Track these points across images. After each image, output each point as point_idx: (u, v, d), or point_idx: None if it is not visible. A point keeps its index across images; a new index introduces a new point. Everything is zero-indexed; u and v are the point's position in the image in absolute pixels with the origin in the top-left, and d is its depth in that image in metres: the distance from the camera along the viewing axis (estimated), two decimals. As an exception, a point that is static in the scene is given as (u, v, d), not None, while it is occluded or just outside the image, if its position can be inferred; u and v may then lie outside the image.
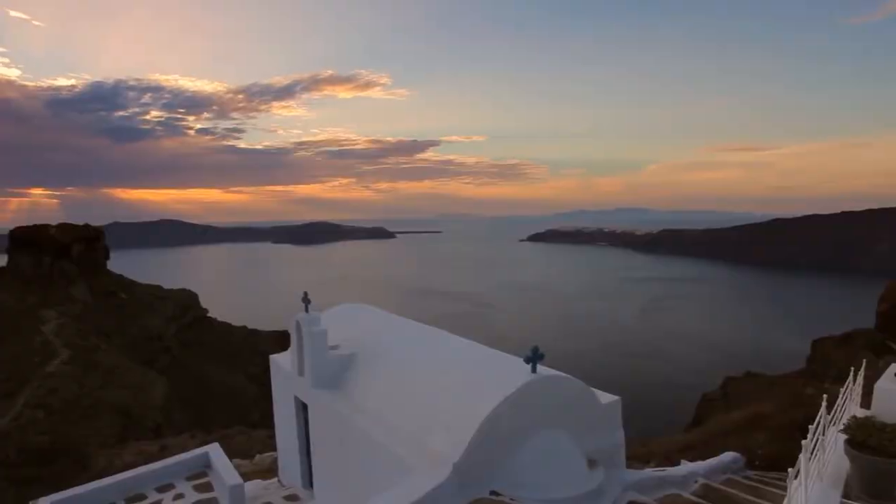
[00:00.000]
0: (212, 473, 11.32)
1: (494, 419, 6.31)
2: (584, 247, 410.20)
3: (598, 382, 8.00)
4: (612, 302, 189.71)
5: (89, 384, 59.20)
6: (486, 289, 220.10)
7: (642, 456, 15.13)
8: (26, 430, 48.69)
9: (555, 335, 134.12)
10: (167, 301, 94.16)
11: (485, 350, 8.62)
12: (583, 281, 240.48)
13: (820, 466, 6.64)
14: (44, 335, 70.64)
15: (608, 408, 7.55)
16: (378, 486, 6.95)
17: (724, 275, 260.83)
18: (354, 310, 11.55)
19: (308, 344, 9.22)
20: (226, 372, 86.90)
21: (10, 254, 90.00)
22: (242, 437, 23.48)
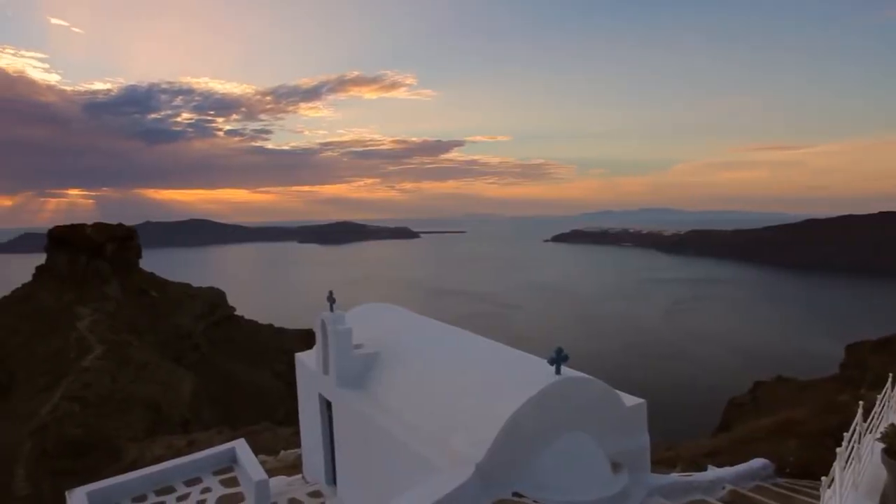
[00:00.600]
0: (238, 469, 11.53)
1: (518, 420, 6.28)
2: (608, 247, 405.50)
3: (622, 384, 7.91)
4: (635, 303, 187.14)
5: (122, 379, 60.83)
6: (509, 289, 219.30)
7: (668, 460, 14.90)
8: (63, 423, 50.28)
9: (577, 336, 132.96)
10: (196, 299, 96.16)
11: (508, 350, 8.59)
12: (606, 282, 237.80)
13: (855, 476, 6.44)
14: (79, 331, 72.82)
15: (633, 410, 7.46)
16: (400, 485, 6.98)
17: (754, 276, 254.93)
18: (378, 309, 11.62)
19: (333, 343, 9.31)
20: (252, 369, 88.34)
21: (49, 252, 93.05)
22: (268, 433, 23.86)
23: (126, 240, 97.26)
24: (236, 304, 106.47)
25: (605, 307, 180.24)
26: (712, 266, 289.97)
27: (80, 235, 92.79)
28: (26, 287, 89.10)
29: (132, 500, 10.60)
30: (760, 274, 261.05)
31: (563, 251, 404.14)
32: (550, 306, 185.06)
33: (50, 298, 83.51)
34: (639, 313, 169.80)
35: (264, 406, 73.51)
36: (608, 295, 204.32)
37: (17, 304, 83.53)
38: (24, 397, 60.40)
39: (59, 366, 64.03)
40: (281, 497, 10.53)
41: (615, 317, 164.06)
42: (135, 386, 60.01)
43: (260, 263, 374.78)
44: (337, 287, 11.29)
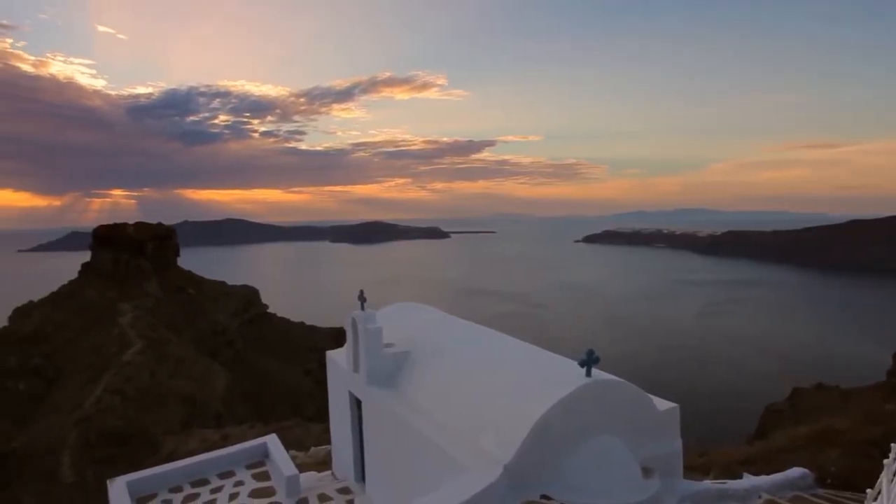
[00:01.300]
0: (269, 463, 11.76)
1: (547, 422, 6.24)
2: (641, 248, 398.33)
3: (653, 387, 7.76)
4: (667, 304, 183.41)
5: (160, 374, 62.72)
6: (539, 289, 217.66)
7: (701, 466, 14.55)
8: (105, 415, 52.15)
9: (607, 338, 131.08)
10: (231, 297, 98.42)
11: (538, 351, 8.53)
12: (638, 283, 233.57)
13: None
14: (121, 327, 75.37)
15: (666, 415, 7.32)
16: (428, 484, 7.01)
17: (794, 278, 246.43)
18: (409, 309, 11.67)
19: (363, 341, 9.40)
20: (284, 366, 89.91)
21: (93, 251, 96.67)
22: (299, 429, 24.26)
23: (165, 239, 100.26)
24: (269, 302, 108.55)
25: (636, 308, 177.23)
26: (749, 268, 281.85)
27: (122, 234, 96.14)
28: (72, 284, 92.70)
29: (169, 491, 10.93)
30: (800, 276, 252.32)
31: (595, 252, 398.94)
32: (581, 307, 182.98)
33: (94, 295, 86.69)
34: (670, 315, 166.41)
35: (295, 402, 74.79)
36: (639, 296, 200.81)
37: (64, 300, 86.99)
38: (70, 389, 62.87)
39: (102, 360, 66.40)
40: (311, 492, 10.69)
41: (646, 318, 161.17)
42: (172, 381, 61.78)
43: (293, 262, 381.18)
44: (368, 286, 11.39)
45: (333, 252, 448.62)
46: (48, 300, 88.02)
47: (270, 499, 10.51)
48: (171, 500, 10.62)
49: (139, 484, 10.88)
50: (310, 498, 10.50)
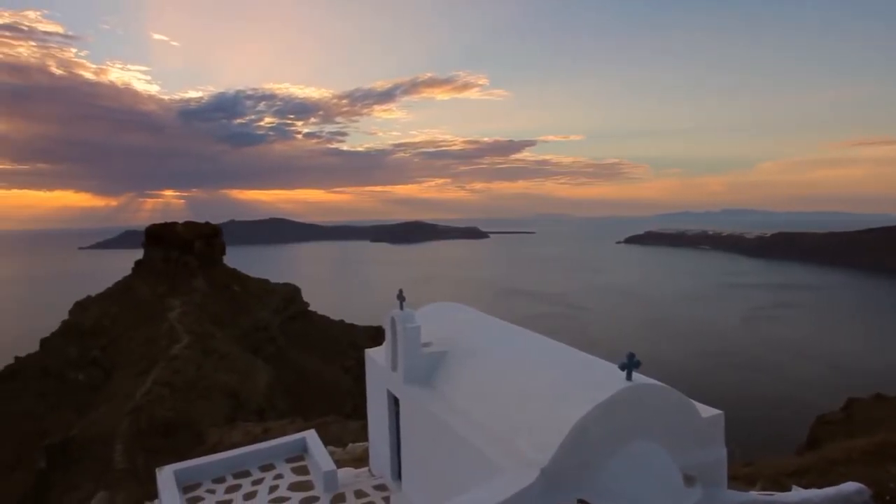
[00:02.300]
0: (308, 458, 11.99)
1: (585, 425, 6.14)
2: (685, 250, 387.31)
3: (695, 393, 7.54)
4: (711, 308, 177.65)
5: (205, 368, 64.84)
6: (579, 291, 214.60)
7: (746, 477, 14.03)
8: (155, 406, 54.29)
9: (648, 341, 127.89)
10: (274, 294, 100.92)
11: (577, 353, 8.41)
12: (681, 285, 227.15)
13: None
14: (170, 321, 78.35)
15: (709, 422, 7.09)
16: (464, 484, 7.01)
17: (849, 282, 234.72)
18: (447, 308, 11.69)
19: (402, 340, 9.47)
20: (323, 363, 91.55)
21: (146, 248, 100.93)
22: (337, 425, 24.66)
23: (212, 237, 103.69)
24: (310, 300, 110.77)
25: (679, 311, 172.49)
26: (800, 271, 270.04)
27: (172, 233, 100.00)
28: (126, 280, 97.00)
29: (212, 481, 11.28)
30: (856, 280, 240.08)
31: (637, 253, 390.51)
32: (621, 309, 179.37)
33: (146, 290, 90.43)
34: (714, 319, 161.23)
35: (334, 399, 76.02)
36: (682, 299, 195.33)
37: (119, 295, 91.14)
38: (124, 380, 65.72)
39: (153, 352, 69.14)
40: (348, 488, 10.84)
41: (689, 322, 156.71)
42: (217, 375, 63.78)
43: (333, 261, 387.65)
44: (406, 286, 11.47)
45: (373, 251, 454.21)
46: (105, 295, 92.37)
47: (308, 493, 10.72)
48: (214, 490, 10.96)
49: (185, 473, 11.29)
50: (347, 493, 10.65)
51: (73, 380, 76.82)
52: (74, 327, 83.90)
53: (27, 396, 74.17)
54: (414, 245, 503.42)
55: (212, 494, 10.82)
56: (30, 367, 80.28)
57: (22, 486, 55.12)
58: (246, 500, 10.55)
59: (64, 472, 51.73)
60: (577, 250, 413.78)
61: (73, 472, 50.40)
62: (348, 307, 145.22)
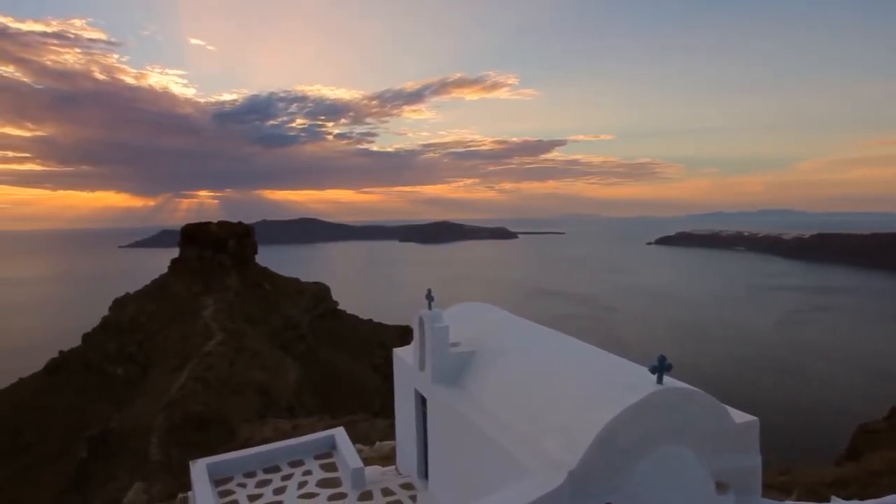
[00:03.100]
0: (336, 455, 12.13)
1: (615, 428, 6.05)
2: (718, 251, 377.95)
3: (728, 398, 7.35)
4: (745, 311, 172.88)
5: (238, 364, 66.20)
6: (608, 292, 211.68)
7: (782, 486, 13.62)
8: (189, 401, 55.68)
9: (679, 343, 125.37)
10: (304, 293, 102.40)
11: (606, 356, 8.30)
12: (714, 287, 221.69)
13: None
14: (204, 319, 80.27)
15: (744, 428, 6.90)
16: (490, 484, 6.98)
17: (893, 285, 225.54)
18: (476, 308, 11.67)
19: (430, 340, 9.49)
20: (352, 361, 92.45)
21: (181, 247, 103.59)
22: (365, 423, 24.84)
23: (245, 237, 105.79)
24: (339, 298, 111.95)
25: (711, 314, 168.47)
26: (840, 273, 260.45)
27: (206, 232, 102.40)
28: (163, 278, 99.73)
29: (243, 475, 11.52)
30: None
31: (668, 254, 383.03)
32: (651, 311, 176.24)
33: (181, 288, 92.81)
34: (748, 322, 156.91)
35: (362, 397, 76.69)
36: (715, 301, 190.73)
37: (155, 293, 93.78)
38: (160, 376, 67.58)
39: (187, 349, 70.91)
40: (375, 486, 10.93)
41: (722, 325, 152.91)
42: (248, 371, 65.04)
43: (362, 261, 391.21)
44: (435, 285, 11.50)
45: (402, 251, 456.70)
46: (142, 292, 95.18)
47: (336, 489, 10.85)
48: (245, 485, 11.18)
49: (218, 467, 11.55)
50: (374, 491, 10.73)
51: (112, 374, 79.44)
52: (114, 324, 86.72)
53: (70, 389, 77.05)
54: (442, 245, 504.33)
55: (242, 488, 11.05)
56: (72, 361, 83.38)
57: (65, 475, 57.31)
58: (276, 494, 10.74)
59: (103, 462, 53.55)
60: (606, 251, 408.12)
61: (112, 463, 52.11)
62: (377, 306, 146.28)
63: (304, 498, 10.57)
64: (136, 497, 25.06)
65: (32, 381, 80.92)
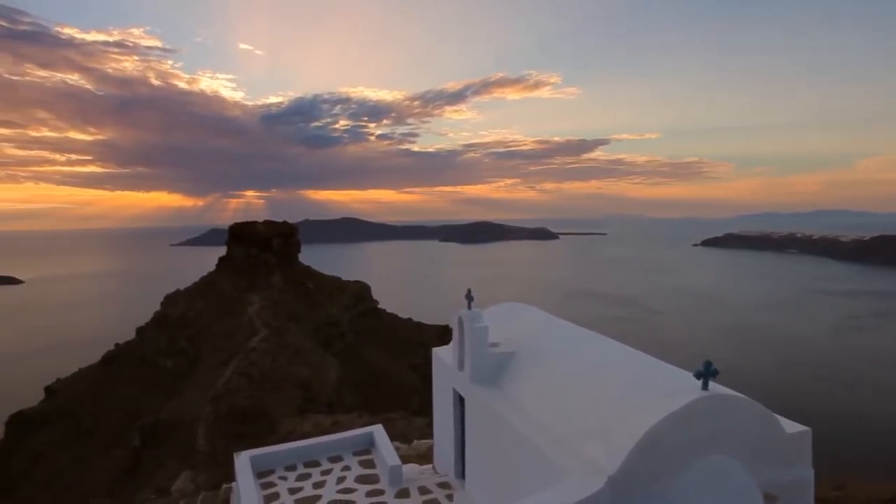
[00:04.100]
0: (375, 452, 12.27)
1: (657, 434, 5.89)
2: (769, 254, 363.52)
3: (777, 407, 7.03)
4: (798, 316, 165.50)
5: (280, 360, 67.82)
6: (651, 294, 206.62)
7: (836, 501, 12.98)
8: (234, 395, 57.41)
9: (726, 349, 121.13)
10: (345, 292, 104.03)
11: (648, 359, 8.10)
12: (763, 290, 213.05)
13: None
14: (249, 316, 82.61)
15: (795, 439, 6.60)
16: (527, 486, 6.91)
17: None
18: (516, 309, 11.60)
19: (469, 340, 9.48)
20: (391, 360, 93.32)
21: (229, 246, 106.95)
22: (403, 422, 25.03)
23: (289, 236, 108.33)
24: (380, 297, 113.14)
25: (761, 318, 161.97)
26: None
27: (252, 232, 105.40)
28: (211, 275, 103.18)
29: (285, 469, 11.79)
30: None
31: (715, 256, 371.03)
32: (696, 314, 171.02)
33: (228, 285, 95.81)
34: (800, 328, 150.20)
35: (400, 395, 77.31)
36: (765, 305, 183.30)
37: (204, 290, 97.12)
38: (207, 370, 69.94)
39: (233, 344, 73.13)
40: (412, 484, 10.99)
41: (772, 330, 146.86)
42: (290, 367, 66.53)
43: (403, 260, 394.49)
44: (475, 285, 11.48)
45: (442, 251, 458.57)
46: (191, 289, 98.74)
47: (374, 486, 10.96)
48: (286, 478, 11.44)
49: (260, 459, 11.87)
50: (411, 489, 10.80)
51: (163, 367, 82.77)
52: (165, 319, 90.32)
53: (124, 380, 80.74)
54: (482, 245, 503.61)
55: (283, 481, 11.31)
56: (127, 353, 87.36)
57: (120, 462, 60.07)
58: (315, 488, 10.94)
59: (154, 450, 55.83)
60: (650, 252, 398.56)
61: (161, 452, 54.27)
62: (416, 306, 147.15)
63: (342, 493, 10.72)
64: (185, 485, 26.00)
65: (90, 372, 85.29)
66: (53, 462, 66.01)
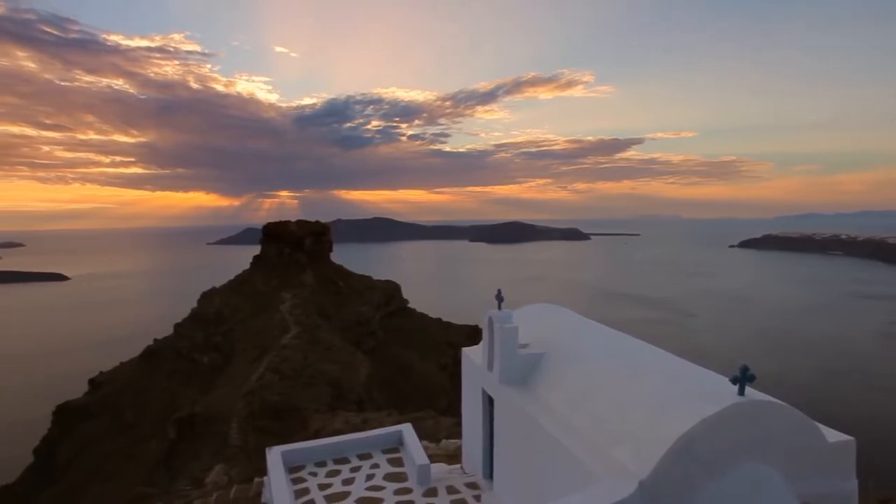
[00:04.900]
0: (403, 450, 12.33)
1: (690, 440, 5.74)
2: (811, 255, 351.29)
3: (820, 415, 6.78)
4: (840, 321, 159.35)
5: (311, 357, 68.78)
6: (685, 296, 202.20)
7: (883, 513, 12.43)
8: (266, 390, 58.46)
9: (763, 354, 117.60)
10: (375, 291, 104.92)
11: (682, 363, 7.92)
12: (804, 294, 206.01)
13: None
14: (281, 313, 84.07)
15: (837, 448, 6.35)
16: (556, 489, 6.84)
17: None
18: (546, 310, 11.50)
19: (499, 340, 9.44)
20: (420, 359, 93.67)
21: (263, 245, 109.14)
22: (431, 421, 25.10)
23: (321, 235, 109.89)
24: (409, 296, 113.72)
25: (801, 323, 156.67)
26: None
27: (285, 230, 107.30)
28: (245, 273, 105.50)
29: (315, 465, 11.95)
30: None
31: (753, 258, 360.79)
32: (733, 318, 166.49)
33: (261, 283, 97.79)
34: (843, 332, 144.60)
35: (429, 394, 77.52)
36: (805, 309, 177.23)
37: (238, 287, 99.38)
38: (241, 365, 71.50)
39: (265, 341, 74.55)
40: (440, 483, 11.00)
41: (813, 334, 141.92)
42: (321, 364, 67.40)
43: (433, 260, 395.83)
44: (505, 286, 11.44)
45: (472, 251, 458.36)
46: (227, 287, 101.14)
47: (402, 484, 11.02)
48: (316, 473, 11.60)
49: (291, 455, 12.06)
50: (439, 488, 10.81)
51: (199, 362, 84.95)
52: (201, 315, 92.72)
53: (163, 374, 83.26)
54: (513, 245, 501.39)
55: (313, 477, 11.47)
56: (165, 348, 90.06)
57: (157, 452, 61.98)
58: (344, 485, 11.06)
59: (189, 443, 57.36)
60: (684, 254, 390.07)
61: (197, 445, 55.70)
62: (446, 305, 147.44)
63: (371, 490, 10.81)
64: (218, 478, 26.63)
65: (131, 366, 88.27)
66: (97, 451, 68.64)
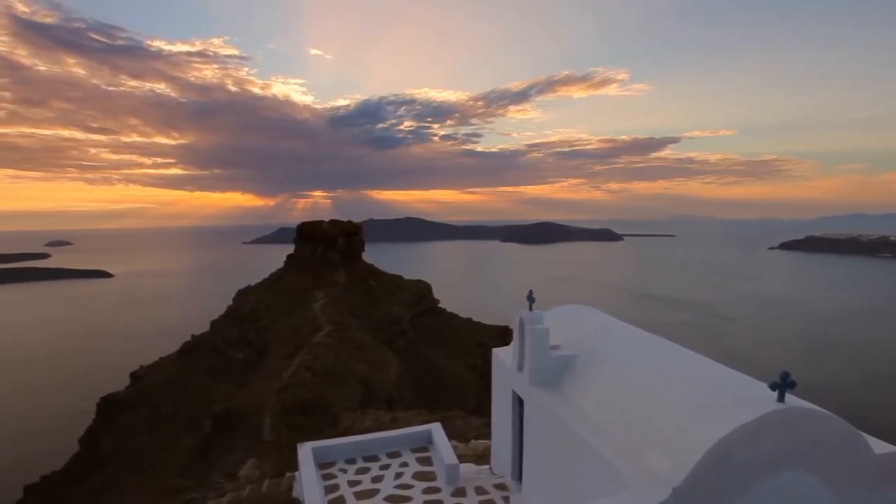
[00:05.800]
0: (432, 449, 12.34)
1: (727, 446, 5.57)
2: (857, 258, 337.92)
3: (867, 425, 6.49)
4: (887, 326, 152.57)
5: (343, 355, 69.60)
6: (723, 299, 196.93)
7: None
8: (298, 387, 59.42)
9: (805, 360, 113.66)
10: (406, 290, 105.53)
11: (719, 367, 7.69)
12: (849, 298, 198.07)
13: None
14: (314, 311, 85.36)
15: (885, 460, 6.06)
16: (586, 493, 6.73)
17: None
18: (578, 311, 11.36)
19: (529, 341, 9.36)
20: (450, 359, 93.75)
21: (296, 244, 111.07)
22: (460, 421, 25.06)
23: (353, 234, 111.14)
24: (440, 296, 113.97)
25: (846, 328, 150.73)
26: None
27: (319, 230, 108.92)
28: (279, 272, 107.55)
29: (345, 461, 12.07)
30: None
31: (794, 260, 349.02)
32: (773, 322, 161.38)
33: (295, 282, 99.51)
34: (890, 338, 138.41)
35: (458, 394, 77.49)
36: (850, 314, 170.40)
37: (272, 286, 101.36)
38: (274, 362, 72.86)
39: (298, 338, 75.78)
40: (469, 483, 10.97)
41: (858, 341, 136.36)
42: (352, 363, 68.14)
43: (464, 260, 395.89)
44: (536, 286, 11.34)
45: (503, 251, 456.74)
46: (261, 285, 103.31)
47: (431, 483, 11.03)
48: (346, 470, 11.72)
49: (322, 451, 12.21)
50: (467, 488, 10.79)
51: (234, 358, 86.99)
52: (236, 312, 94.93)
53: (199, 369, 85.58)
54: (544, 246, 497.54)
55: (343, 473, 11.59)
56: (203, 344, 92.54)
57: (194, 445, 63.74)
58: (373, 482, 11.14)
59: (224, 437, 58.79)
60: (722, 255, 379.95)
61: (231, 438, 57.04)
62: (477, 306, 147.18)
63: (399, 489, 10.86)
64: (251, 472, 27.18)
65: (169, 361, 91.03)
66: (138, 442, 71.06)
